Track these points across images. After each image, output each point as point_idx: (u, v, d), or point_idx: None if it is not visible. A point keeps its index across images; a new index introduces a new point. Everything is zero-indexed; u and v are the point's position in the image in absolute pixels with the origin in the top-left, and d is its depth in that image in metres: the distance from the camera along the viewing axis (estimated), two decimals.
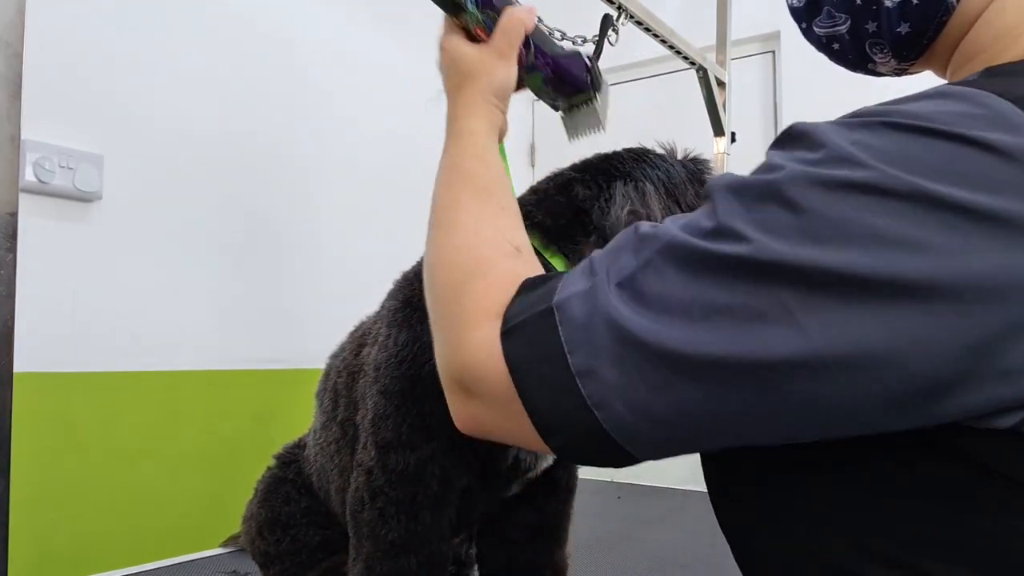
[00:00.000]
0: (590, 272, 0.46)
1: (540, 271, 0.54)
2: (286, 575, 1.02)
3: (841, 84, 2.39)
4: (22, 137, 0.74)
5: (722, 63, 2.00)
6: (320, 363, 1.10)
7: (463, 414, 0.53)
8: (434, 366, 0.78)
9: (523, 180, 0.93)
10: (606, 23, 0.92)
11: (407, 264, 0.95)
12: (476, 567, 1.02)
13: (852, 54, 0.60)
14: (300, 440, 1.12)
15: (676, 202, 0.79)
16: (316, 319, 2.10)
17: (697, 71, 1.89)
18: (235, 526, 1.16)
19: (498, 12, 0.72)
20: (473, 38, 0.73)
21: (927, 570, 0.41)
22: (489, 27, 0.72)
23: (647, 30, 1.61)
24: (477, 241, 0.57)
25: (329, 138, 2.21)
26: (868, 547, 0.43)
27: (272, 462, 1.12)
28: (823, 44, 0.61)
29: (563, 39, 0.80)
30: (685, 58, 1.83)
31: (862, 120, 0.41)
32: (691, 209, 0.75)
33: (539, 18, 0.76)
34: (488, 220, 0.59)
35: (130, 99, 1.74)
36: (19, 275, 0.72)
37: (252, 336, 1.98)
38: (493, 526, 0.97)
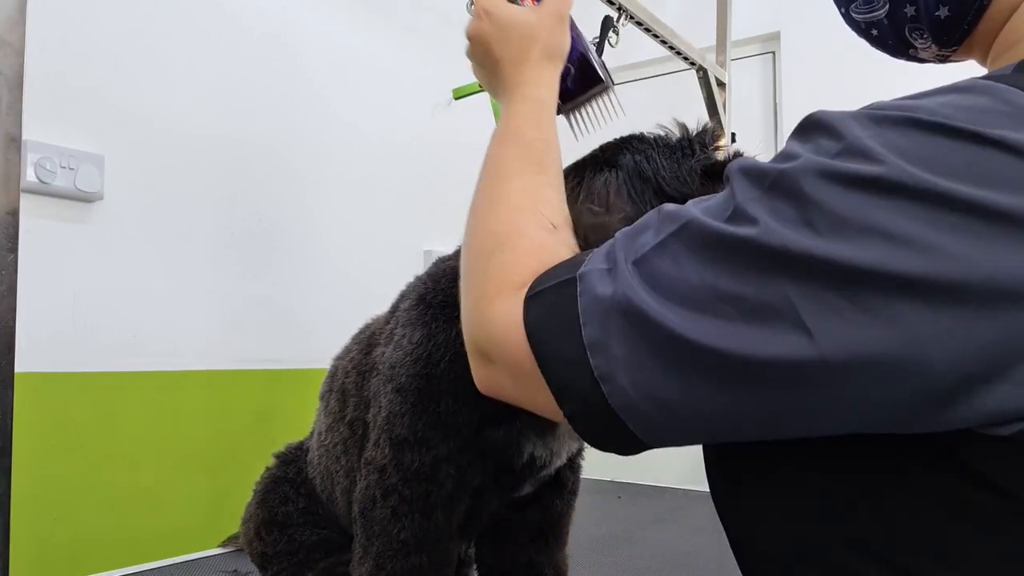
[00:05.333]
0: (611, 249, 0.47)
1: (575, 249, 0.54)
2: (284, 575, 1.01)
3: (841, 84, 2.39)
4: (23, 137, 0.74)
5: (722, 64, 2.00)
6: (320, 363, 1.10)
7: (483, 379, 0.54)
8: (449, 363, 0.78)
9: None
10: (607, 25, 0.92)
11: (407, 264, 0.95)
12: (475, 567, 1.02)
13: (892, 39, 0.59)
14: (302, 443, 1.12)
15: (656, 189, 0.74)
16: (316, 319, 2.10)
17: (697, 72, 1.89)
18: (235, 526, 1.16)
19: None
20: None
21: (921, 573, 0.41)
22: None
23: (647, 31, 1.61)
24: (516, 211, 0.57)
25: (329, 139, 2.21)
26: (866, 547, 0.42)
27: (272, 461, 1.12)
28: (862, 30, 0.61)
29: None
30: (685, 59, 1.83)
31: (885, 114, 0.40)
32: (679, 192, 0.73)
33: None
34: (532, 191, 0.59)
35: (131, 100, 1.74)
36: (20, 275, 0.72)
37: (252, 336, 1.98)
38: (494, 525, 0.97)
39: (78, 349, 1.63)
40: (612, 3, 1.44)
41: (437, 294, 0.82)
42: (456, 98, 1.01)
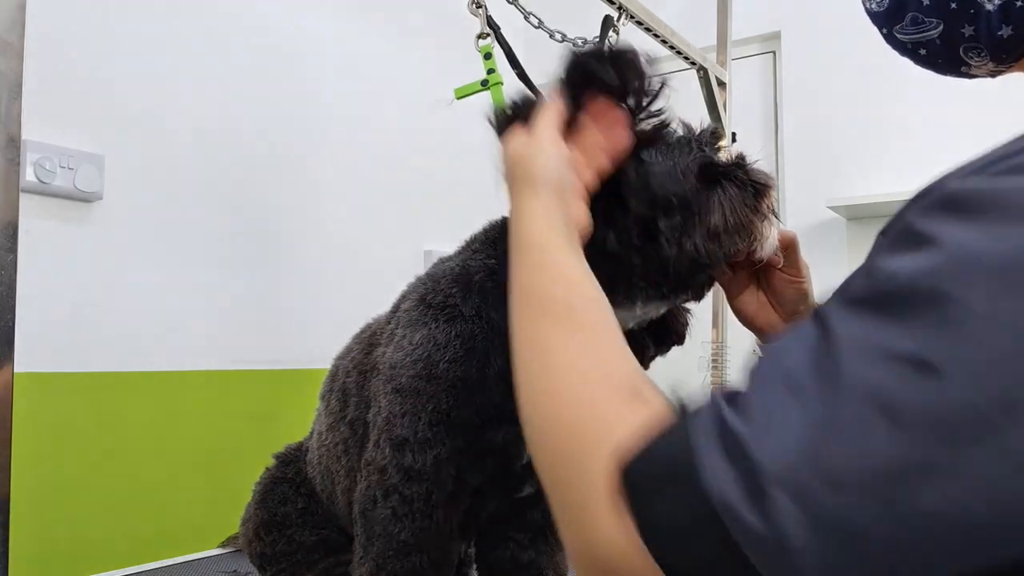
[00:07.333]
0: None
1: (665, 409, 0.44)
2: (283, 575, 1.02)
3: (841, 84, 2.39)
4: (23, 138, 0.74)
5: (722, 63, 2.00)
6: (320, 363, 1.09)
7: None
8: (449, 363, 0.78)
9: None
10: (607, 25, 0.92)
11: (407, 264, 0.95)
12: (475, 567, 1.02)
13: (943, 58, 0.57)
14: (302, 443, 1.12)
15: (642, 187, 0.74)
16: (316, 319, 2.10)
17: (697, 71, 1.88)
18: (235, 526, 1.16)
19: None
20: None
21: None
22: None
23: (647, 30, 1.61)
24: (583, 391, 0.47)
25: (331, 138, 2.21)
26: None
27: (271, 461, 1.12)
28: (908, 50, 0.59)
29: (564, 40, 0.80)
30: (685, 58, 1.82)
31: None
32: (666, 191, 0.68)
33: None
34: (588, 357, 0.49)
35: (131, 99, 1.74)
36: (20, 275, 0.72)
37: (252, 336, 1.97)
38: (495, 525, 0.97)
39: (78, 349, 1.63)
40: (612, 2, 1.44)
41: (437, 294, 0.82)
42: (458, 98, 1.01)
